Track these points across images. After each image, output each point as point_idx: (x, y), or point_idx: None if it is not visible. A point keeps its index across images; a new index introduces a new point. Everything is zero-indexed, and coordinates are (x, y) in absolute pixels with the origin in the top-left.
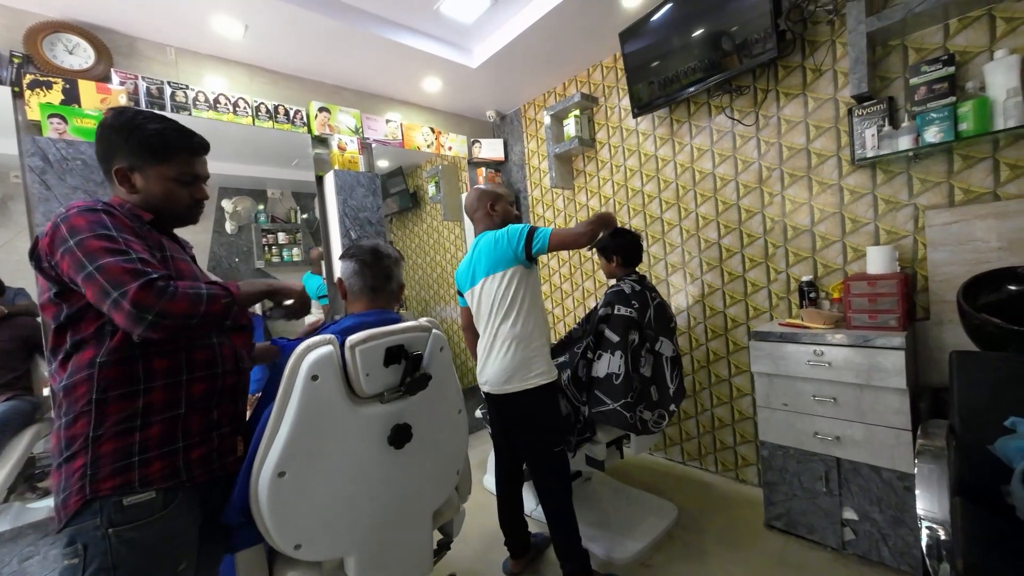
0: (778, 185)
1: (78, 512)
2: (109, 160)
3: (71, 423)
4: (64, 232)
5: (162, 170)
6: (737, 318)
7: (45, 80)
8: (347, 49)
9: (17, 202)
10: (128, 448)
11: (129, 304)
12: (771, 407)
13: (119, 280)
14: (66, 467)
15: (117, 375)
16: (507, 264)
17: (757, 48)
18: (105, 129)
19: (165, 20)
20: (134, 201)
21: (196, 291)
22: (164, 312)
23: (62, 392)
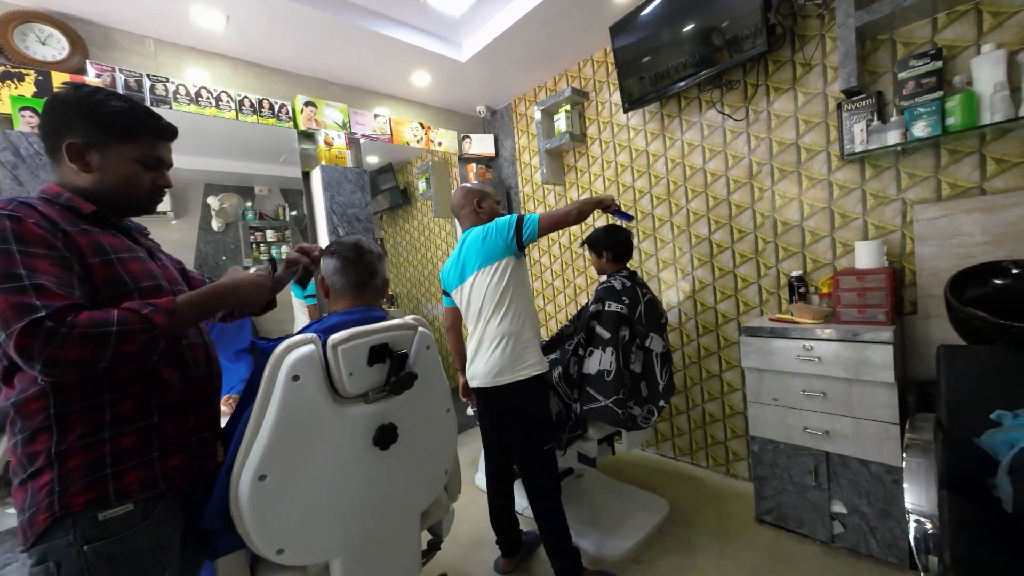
0: (768, 180)
1: (47, 530)
2: (59, 134)
3: (29, 440)
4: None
5: (126, 150)
6: (728, 313)
7: (16, 72)
8: (333, 42)
9: None
10: (99, 460)
11: (13, 350)
12: (761, 402)
13: (4, 318)
14: (31, 483)
15: (75, 387)
16: (498, 256)
17: (747, 43)
18: (59, 101)
19: (143, 10)
20: (80, 185)
21: (101, 329)
22: (52, 360)
23: (12, 409)
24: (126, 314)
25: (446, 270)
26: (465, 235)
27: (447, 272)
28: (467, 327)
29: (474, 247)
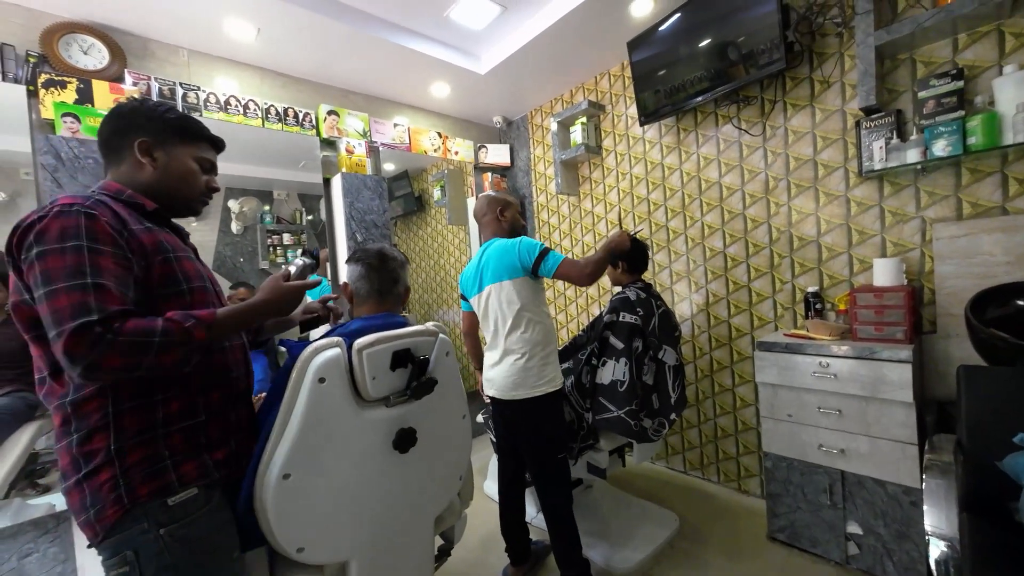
0: (785, 195)
1: (118, 522)
2: (126, 134)
3: (85, 440)
4: (32, 237)
5: (187, 150)
6: (741, 328)
7: (60, 80)
8: (357, 53)
9: (26, 199)
10: (157, 454)
11: (60, 350)
12: (775, 418)
13: (60, 316)
14: (88, 482)
15: (131, 387)
16: (515, 274)
17: (764, 59)
18: (127, 108)
19: (178, 22)
20: (142, 180)
21: (144, 339)
22: (95, 365)
23: (70, 407)
24: (170, 325)
25: (465, 276)
26: (487, 245)
27: (466, 278)
28: (484, 335)
29: (493, 259)
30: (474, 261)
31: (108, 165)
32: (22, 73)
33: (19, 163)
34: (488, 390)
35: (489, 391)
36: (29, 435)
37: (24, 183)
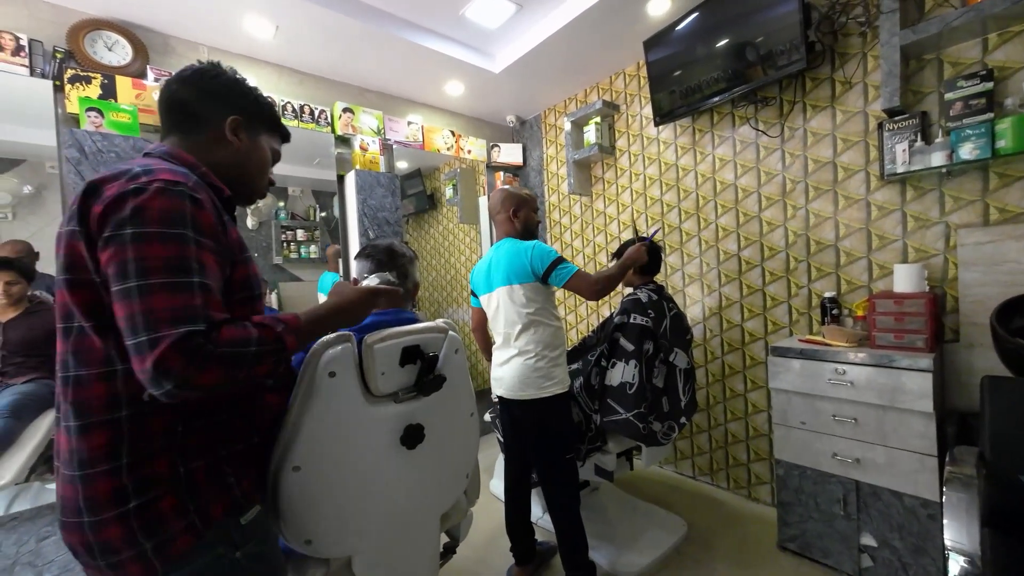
0: (802, 198)
1: (189, 552)
2: (220, 105)
3: (139, 465)
4: (127, 211)
5: (269, 139)
6: (755, 332)
7: (85, 75)
8: (373, 51)
9: (52, 191)
10: (221, 472)
11: (151, 361)
12: (788, 425)
13: (156, 319)
14: (143, 514)
15: (201, 402)
16: (526, 278)
17: (784, 59)
18: (228, 78)
19: (200, 19)
20: (221, 160)
21: (241, 349)
22: (187, 382)
23: (126, 426)
24: (263, 332)
25: (476, 273)
26: (498, 245)
27: (477, 275)
28: (493, 334)
29: (504, 261)
30: (485, 259)
31: (175, 129)
32: (49, 68)
33: (45, 156)
34: (497, 389)
35: (497, 390)
36: (50, 420)
37: (50, 176)
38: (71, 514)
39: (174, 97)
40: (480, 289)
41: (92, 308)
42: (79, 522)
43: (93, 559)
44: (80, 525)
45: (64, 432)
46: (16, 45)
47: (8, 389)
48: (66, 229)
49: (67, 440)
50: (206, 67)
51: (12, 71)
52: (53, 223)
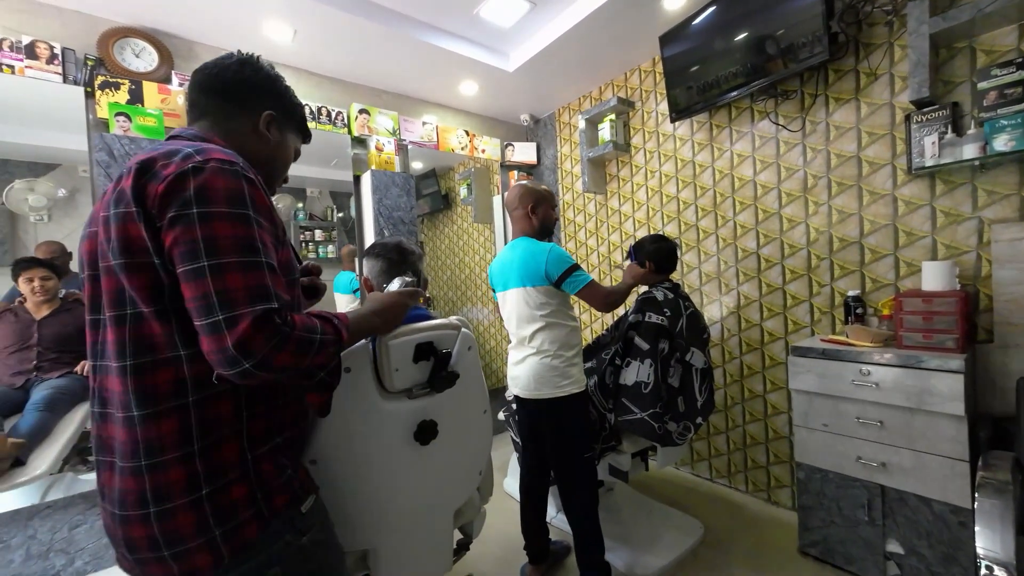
0: (825, 194)
1: (256, 540)
2: (258, 98)
3: (211, 450)
4: (190, 190)
5: (295, 138)
6: (775, 332)
7: (114, 81)
8: (388, 52)
9: (84, 194)
10: (281, 463)
11: (232, 339)
12: (809, 427)
13: (233, 298)
14: (215, 500)
15: (266, 387)
16: (540, 282)
17: (805, 51)
18: (261, 69)
19: (222, 25)
20: (252, 152)
21: (309, 336)
22: (265, 363)
23: (194, 411)
24: (324, 324)
25: (494, 269)
26: (514, 244)
27: (495, 272)
28: (508, 330)
29: (519, 262)
30: (502, 256)
31: (209, 112)
32: (81, 76)
33: (77, 161)
34: (512, 388)
35: (513, 389)
36: (82, 414)
37: (82, 179)
38: (133, 507)
39: (215, 81)
40: (496, 286)
41: (152, 292)
42: (144, 514)
43: (155, 551)
44: (145, 517)
45: (123, 423)
46: (50, 54)
47: (43, 383)
48: (116, 211)
49: (128, 431)
50: (248, 58)
51: (47, 79)
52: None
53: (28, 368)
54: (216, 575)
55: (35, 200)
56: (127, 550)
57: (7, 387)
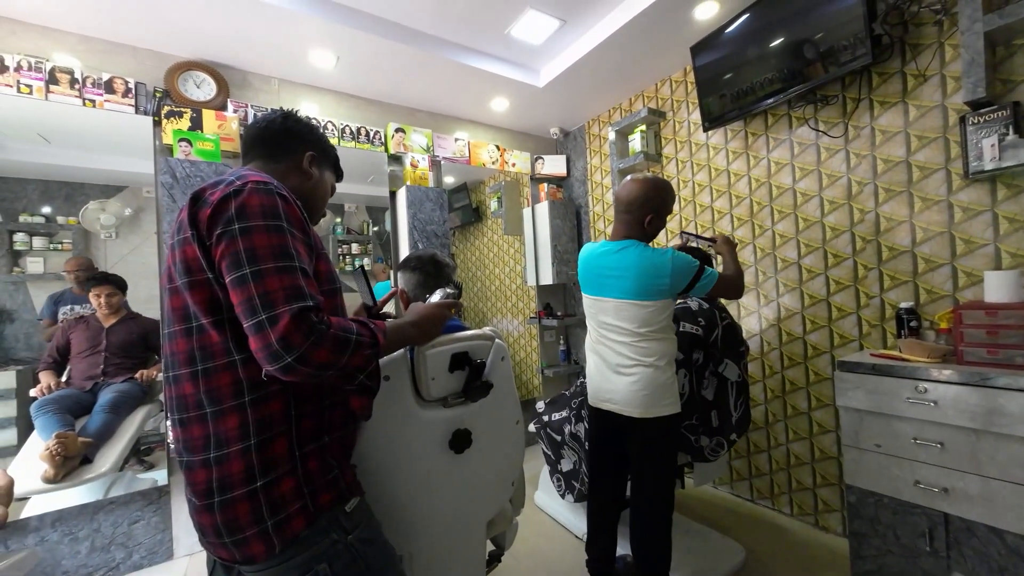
0: (871, 201)
1: (304, 534)
2: (301, 141)
3: (266, 445)
4: (231, 208)
5: (331, 176)
6: (819, 345)
7: (177, 110)
8: (423, 74)
9: (147, 213)
10: (327, 462)
11: (274, 335)
12: (860, 447)
13: (273, 299)
14: (268, 492)
15: (311, 387)
16: (659, 296)
17: (846, 55)
18: (300, 119)
19: (272, 56)
20: (297, 187)
21: (344, 336)
22: (305, 357)
23: (250, 408)
24: (360, 327)
25: (586, 265)
26: (623, 247)
27: (586, 269)
28: (600, 335)
29: (632, 274)
30: (604, 259)
31: (259, 155)
32: (150, 106)
33: (142, 182)
34: (600, 402)
35: (602, 403)
36: (142, 416)
37: (146, 200)
38: (202, 497)
39: (267, 133)
40: (589, 287)
41: (210, 305)
42: (210, 503)
43: (220, 538)
44: (211, 506)
45: (198, 421)
46: (125, 88)
47: (108, 387)
48: (178, 238)
49: (202, 427)
50: (290, 112)
51: (121, 110)
52: (148, 240)
53: (96, 373)
54: (270, 564)
55: (106, 219)
56: (201, 534)
57: (79, 390)
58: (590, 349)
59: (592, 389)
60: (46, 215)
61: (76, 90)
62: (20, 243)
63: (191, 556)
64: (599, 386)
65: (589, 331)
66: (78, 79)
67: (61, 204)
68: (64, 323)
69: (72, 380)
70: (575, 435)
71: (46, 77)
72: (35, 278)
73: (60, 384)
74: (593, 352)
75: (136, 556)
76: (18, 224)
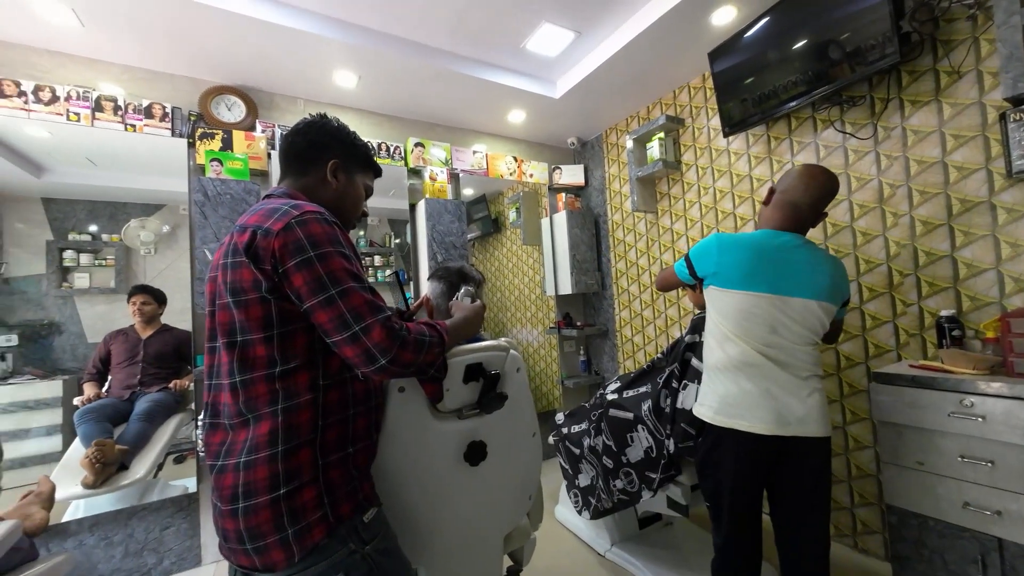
0: (905, 204)
1: (323, 543)
2: (324, 151)
3: (291, 453)
4: (302, 238)
5: (362, 177)
6: (853, 356)
7: (210, 132)
8: (442, 89)
9: (183, 229)
10: (348, 472)
11: (370, 342)
12: (900, 465)
13: (361, 313)
14: (291, 500)
15: (336, 400)
16: (838, 301)
17: (873, 54)
18: (329, 127)
19: (299, 78)
20: (323, 197)
21: (420, 338)
22: (396, 359)
23: (282, 416)
24: (429, 328)
25: (758, 256)
26: (807, 244)
27: (757, 261)
28: (770, 343)
29: (827, 270)
30: (782, 248)
31: (290, 172)
32: (185, 129)
33: (178, 201)
34: (781, 427)
35: (782, 429)
36: (174, 425)
37: (181, 217)
38: (228, 502)
39: (293, 148)
40: (759, 284)
41: (263, 322)
42: (235, 508)
43: (242, 544)
44: (235, 512)
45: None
46: (163, 112)
47: (144, 397)
48: (232, 260)
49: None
50: (314, 119)
51: (159, 133)
52: (183, 255)
53: (134, 382)
54: (289, 572)
55: (145, 236)
56: (224, 540)
57: (118, 399)
58: (748, 364)
59: (764, 413)
60: (92, 233)
61: (119, 116)
62: (69, 260)
63: (217, 563)
64: (778, 408)
65: (739, 340)
66: (121, 106)
67: (106, 222)
68: (106, 335)
69: (112, 389)
70: (593, 448)
71: (92, 105)
72: (82, 292)
73: (101, 394)
74: (756, 368)
75: (166, 562)
76: (67, 242)
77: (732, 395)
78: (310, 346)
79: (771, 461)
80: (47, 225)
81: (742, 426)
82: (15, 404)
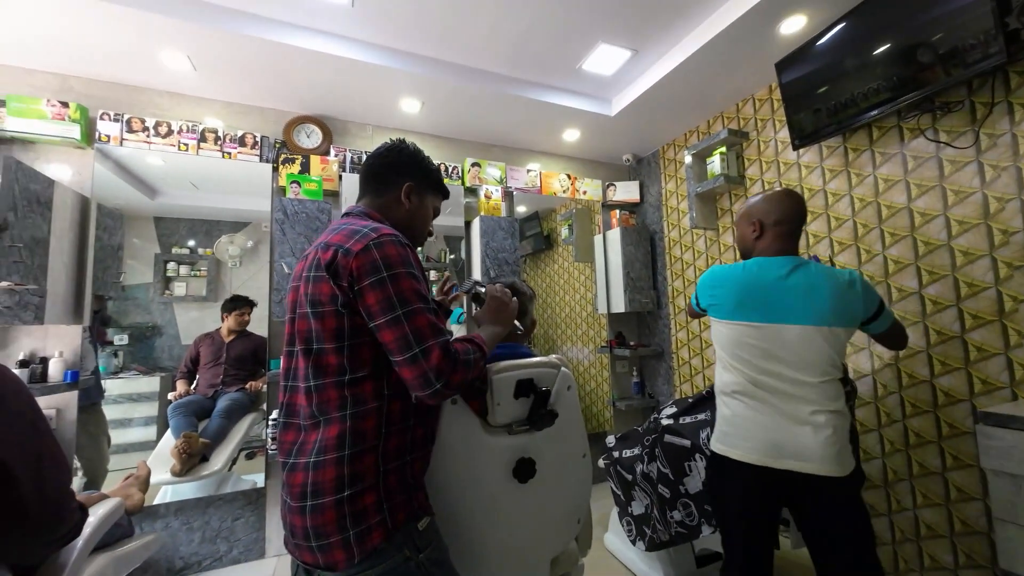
0: (1017, 220)
1: (380, 549)
2: (400, 173)
3: (356, 457)
4: (378, 259)
5: (432, 200)
6: (954, 391)
7: (291, 157)
8: (499, 111)
9: (264, 244)
10: (405, 480)
11: (429, 366)
12: (1019, 523)
13: (424, 335)
14: (353, 503)
15: (399, 409)
16: (850, 322)
17: (974, 55)
18: (402, 151)
19: (369, 106)
20: (396, 217)
21: (466, 357)
22: (451, 383)
23: (350, 421)
24: (471, 346)
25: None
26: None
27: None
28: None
29: (827, 294)
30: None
31: (368, 191)
32: (271, 155)
33: (261, 219)
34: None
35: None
36: (249, 422)
37: (263, 234)
38: (297, 499)
39: (372, 169)
40: (748, 313)
41: (335, 333)
42: (303, 506)
43: (308, 541)
44: (303, 509)
45: (310, 429)
46: (253, 141)
47: (224, 395)
48: (314, 274)
49: (310, 433)
50: (394, 144)
51: (249, 160)
52: (263, 268)
53: (217, 382)
54: (348, 572)
55: (233, 250)
56: (291, 535)
57: (203, 396)
58: (741, 392)
59: (756, 443)
60: (190, 247)
61: (218, 145)
62: (171, 271)
63: (279, 557)
64: (772, 439)
65: (735, 369)
66: (220, 136)
67: (202, 238)
68: (196, 338)
69: (198, 387)
70: (647, 475)
71: (198, 136)
72: (179, 299)
73: (190, 391)
74: (749, 397)
75: (235, 551)
76: (171, 255)
77: (728, 422)
78: (376, 358)
79: (780, 493)
80: (156, 240)
81: (734, 454)
82: (122, 396)
